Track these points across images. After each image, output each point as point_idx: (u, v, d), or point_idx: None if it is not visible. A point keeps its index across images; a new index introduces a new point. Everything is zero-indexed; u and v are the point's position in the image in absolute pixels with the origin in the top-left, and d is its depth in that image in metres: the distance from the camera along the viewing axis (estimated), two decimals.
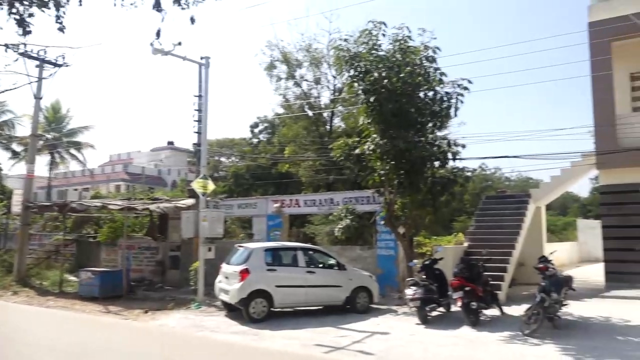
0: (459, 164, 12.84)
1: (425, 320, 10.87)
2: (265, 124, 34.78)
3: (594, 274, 17.31)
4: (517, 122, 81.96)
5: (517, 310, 11.04)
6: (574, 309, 11.19)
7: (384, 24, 12.04)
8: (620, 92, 15.95)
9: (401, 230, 13.43)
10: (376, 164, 12.45)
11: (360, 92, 11.94)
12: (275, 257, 12.19)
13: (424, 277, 11.74)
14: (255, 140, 34.76)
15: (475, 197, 29.91)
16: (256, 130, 35.30)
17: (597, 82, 15.22)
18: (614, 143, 14.68)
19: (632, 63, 16.15)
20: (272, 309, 11.51)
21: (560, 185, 17.76)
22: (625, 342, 8.72)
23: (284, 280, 11.71)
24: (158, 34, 7.66)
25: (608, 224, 15.26)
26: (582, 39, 15.81)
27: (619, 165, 14.49)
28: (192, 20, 7.60)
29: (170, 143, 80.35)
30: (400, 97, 11.54)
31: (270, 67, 26.90)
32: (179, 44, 13.25)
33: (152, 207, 17.98)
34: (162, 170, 74.58)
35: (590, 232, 26.94)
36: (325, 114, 26.91)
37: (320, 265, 12.51)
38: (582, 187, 76.00)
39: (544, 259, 11.27)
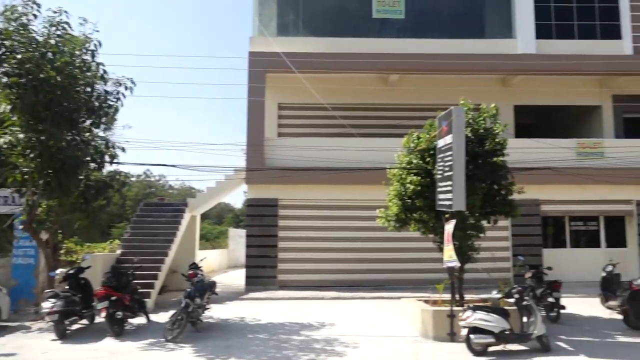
0: (120, 168, 12.44)
1: (64, 335, 9.93)
2: None
3: (238, 278, 19.10)
4: (194, 132, 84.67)
5: (165, 317, 11.16)
6: (215, 312, 12.09)
7: (38, 4, 10.68)
8: (270, 118, 18.28)
9: (44, 236, 12.06)
10: (18, 160, 10.85)
11: (1, 74, 10.22)
12: None
13: (67, 287, 10.84)
14: None
15: (138, 203, 29.40)
16: None
17: (252, 106, 17.06)
18: (261, 162, 16.63)
19: (280, 94, 18.72)
20: None
21: (215, 196, 19.12)
22: (254, 339, 9.79)
23: None
24: None
25: (251, 233, 17.10)
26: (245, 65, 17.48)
27: (263, 181, 16.51)
28: None
29: None
30: (54, 88, 10.35)
31: None
32: None
33: None
34: None
35: (239, 240, 29.77)
36: None
37: None
38: (237, 199, 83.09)
39: (194, 266, 11.85)
